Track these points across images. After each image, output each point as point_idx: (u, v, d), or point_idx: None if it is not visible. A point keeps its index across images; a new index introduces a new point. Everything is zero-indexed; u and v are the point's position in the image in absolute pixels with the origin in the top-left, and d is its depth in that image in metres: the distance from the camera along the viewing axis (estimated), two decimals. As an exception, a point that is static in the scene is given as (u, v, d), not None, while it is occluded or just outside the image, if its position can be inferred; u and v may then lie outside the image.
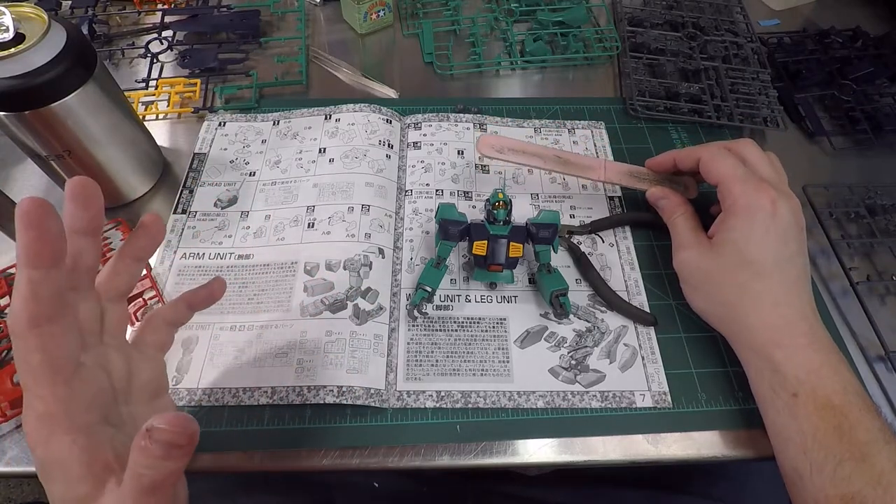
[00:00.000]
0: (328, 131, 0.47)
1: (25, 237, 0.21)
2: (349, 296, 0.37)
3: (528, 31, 0.57)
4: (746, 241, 0.33)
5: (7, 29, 0.32)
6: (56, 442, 0.22)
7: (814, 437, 0.29)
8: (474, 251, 0.37)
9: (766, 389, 0.32)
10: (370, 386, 0.34)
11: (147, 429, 0.20)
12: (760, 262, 0.33)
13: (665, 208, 0.40)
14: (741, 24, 0.57)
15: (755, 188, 0.34)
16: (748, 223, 0.33)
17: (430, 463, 0.33)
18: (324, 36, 0.57)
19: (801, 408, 0.30)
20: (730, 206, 0.34)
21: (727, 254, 0.34)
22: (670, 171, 0.41)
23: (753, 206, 0.33)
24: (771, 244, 0.33)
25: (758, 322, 0.33)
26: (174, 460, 0.21)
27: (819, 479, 0.28)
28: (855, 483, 0.27)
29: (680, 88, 0.50)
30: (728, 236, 0.34)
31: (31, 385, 0.22)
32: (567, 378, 0.36)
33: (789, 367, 0.31)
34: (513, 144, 0.42)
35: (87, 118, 0.36)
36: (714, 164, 0.36)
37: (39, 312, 0.21)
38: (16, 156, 0.40)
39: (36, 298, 0.21)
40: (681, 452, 0.34)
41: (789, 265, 0.33)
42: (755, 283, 0.33)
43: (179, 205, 0.43)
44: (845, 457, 0.28)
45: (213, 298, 0.30)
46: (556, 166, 0.42)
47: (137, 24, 0.57)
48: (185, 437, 0.20)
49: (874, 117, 0.51)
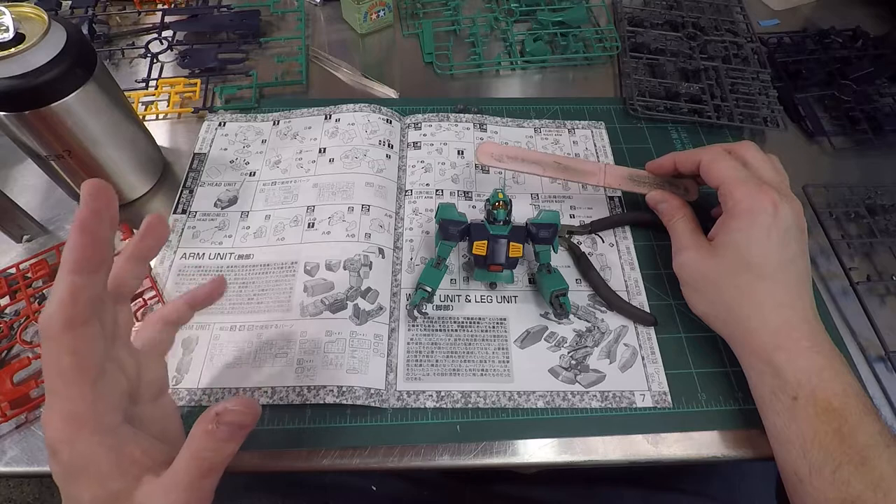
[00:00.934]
0: (328, 131, 0.47)
1: (78, 241, 0.21)
2: (349, 296, 0.37)
3: (528, 31, 0.57)
4: (748, 242, 0.33)
5: (7, 29, 0.32)
6: (83, 442, 0.22)
7: (813, 440, 0.29)
8: (474, 251, 0.37)
9: (767, 392, 0.32)
10: (370, 386, 0.34)
11: (217, 412, 0.22)
12: (762, 264, 0.33)
13: (665, 212, 0.40)
14: (741, 24, 0.57)
15: (757, 190, 0.34)
16: (749, 225, 0.33)
17: (430, 463, 0.33)
18: (324, 36, 0.57)
19: (802, 411, 0.30)
20: (731, 208, 0.34)
21: (728, 256, 0.34)
22: (671, 174, 0.41)
23: (755, 208, 0.33)
24: (773, 246, 0.33)
25: (759, 324, 0.32)
26: (236, 441, 0.23)
27: (818, 482, 0.28)
28: (855, 486, 0.27)
29: (680, 88, 0.50)
30: (729, 238, 0.34)
31: (58, 387, 0.22)
32: (567, 378, 0.36)
33: (790, 369, 0.31)
34: (512, 152, 0.42)
35: (87, 118, 0.36)
36: (715, 166, 0.36)
37: (76, 316, 0.21)
38: (16, 156, 0.40)
39: (75, 302, 0.21)
40: (681, 452, 0.34)
41: (791, 267, 0.33)
42: (756, 285, 0.33)
43: (179, 205, 0.43)
44: (845, 460, 0.28)
45: (213, 298, 0.30)
46: (555, 173, 0.42)
47: (137, 24, 0.57)
48: (252, 417, 0.23)
49: (874, 117, 0.51)
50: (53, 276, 0.38)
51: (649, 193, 0.41)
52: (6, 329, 0.36)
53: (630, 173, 0.43)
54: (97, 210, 0.21)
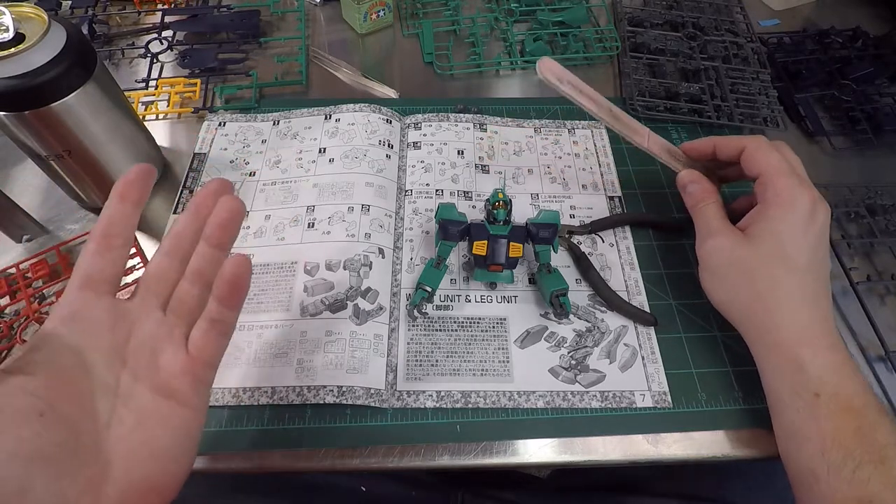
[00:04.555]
0: (328, 131, 0.47)
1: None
2: (349, 296, 0.37)
3: (528, 31, 0.57)
4: (786, 233, 0.33)
5: (7, 29, 0.32)
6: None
7: (833, 438, 0.29)
8: (474, 251, 0.37)
9: (786, 388, 0.31)
10: (370, 386, 0.34)
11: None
12: (797, 257, 0.33)
13: (694, 193, 0.38)
14: (741, 24, 0.57)
15: (799, 184, 0.34)
16: (791, 216, 0.33)
17: (430, 463, 0.33)
18: (324, 36, 0.57)
19: (823, 408, 0.29)
20: (771, 197, 0.34)
21: (766, 244, 0.33)
22: (706, 159, 0.40)
23: (798, 201, 0.33)
24: (809, 242, 0.33)
25: (788, 318, 0.32)
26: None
27: (836, 481, 0.28)
28: (873, 486, 0.27)
29: (680, 88, 0.50)
30: (768, 226, 0.34)
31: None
32: (567, 378, 0.36)
33: (814, 366, 0.30)
34: (573, 79, 0.41)
35: (87, 118, 0.36)
36: (761, 154, 0.35)
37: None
38: (16, 156, 0.40)
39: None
40: (681, 452, 0.34)
41: (820, 266, 0.33)
42: (790, 278, 0.33)
43: (179, 205, 0.43)
44: (865, 459, 0.28)
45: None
46: (607, 115, 0.41)
47: (137, 24, 0.57)
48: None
49: (874, 117, 0.51)
50: (53, 277, 0.38)
51: (682, 172, 0.40)
52: (6, 329, 0.36)
53: (670, 148, 0.42)
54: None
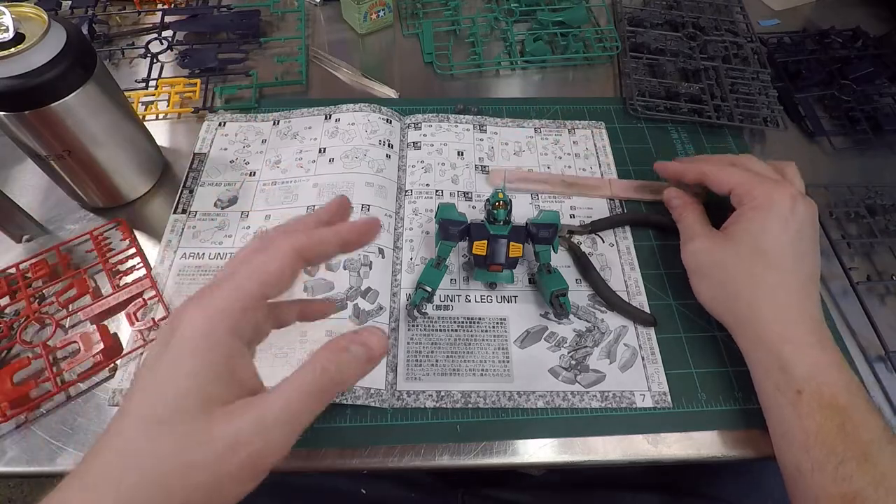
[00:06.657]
0: (328, 131, 0.47)
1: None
2: (349, 296, 0.37)
3: (528, 31, 0.57)
4: (763, 231, 0.34)
5: (7, 29, 0.32)
6: (216, 334, 0.22)
7: (816, 435, 0.29)
8: (474, 251, 0.37)
9: (771, 385, 0.32)
10: (370, 386, 0.34)
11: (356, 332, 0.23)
12: (775, 253, 0.33)
13: (677, 207, 0.40)
14: (741, 24, 0.57)
15: (775, 185, 0.35)
16: (766, 214, 0.34)
17: (430, 463, 0.33)
18: (324, 36, 0.57)
19: (806, 405, 0.30)
20: (748, 202, 0.35)
21: (742, 243, 0.34)
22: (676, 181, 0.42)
23: (774, 199, 0.34)
24: (787, 237, 0.33)
25: (770, 315, 0.33)
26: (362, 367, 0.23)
27: (820, 478, 0.28)
28: (856, 482, 0.27)
29: (680, 88, 0.50)
30: (744, 226, 0.34)
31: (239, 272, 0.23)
32: (567, 378, 0.36)
33: (796, 363, 0.31)
34: (520, 175, 0.45)
35: (87, 118, 0.36)
36: (722, 174, 0.37)
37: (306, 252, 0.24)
38: (16, 156, 0.40)
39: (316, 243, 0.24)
40: (681, 452, 0.34)
41: (803, 262, 0.34)
42: (770, 274, 0.33)
43: (179, 205, 0.43)
44: (847, 456, 0.28)
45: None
46: (562, 188, 0.44)
47: (137, 24, 0.57)
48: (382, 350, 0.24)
49: (874, 117, 0.51)
50: (53, 277, 0.38)
51: (665, 191, 0.41)
52: (6, 329, 0.36)
53: (635, 185, 0.44)
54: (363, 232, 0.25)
